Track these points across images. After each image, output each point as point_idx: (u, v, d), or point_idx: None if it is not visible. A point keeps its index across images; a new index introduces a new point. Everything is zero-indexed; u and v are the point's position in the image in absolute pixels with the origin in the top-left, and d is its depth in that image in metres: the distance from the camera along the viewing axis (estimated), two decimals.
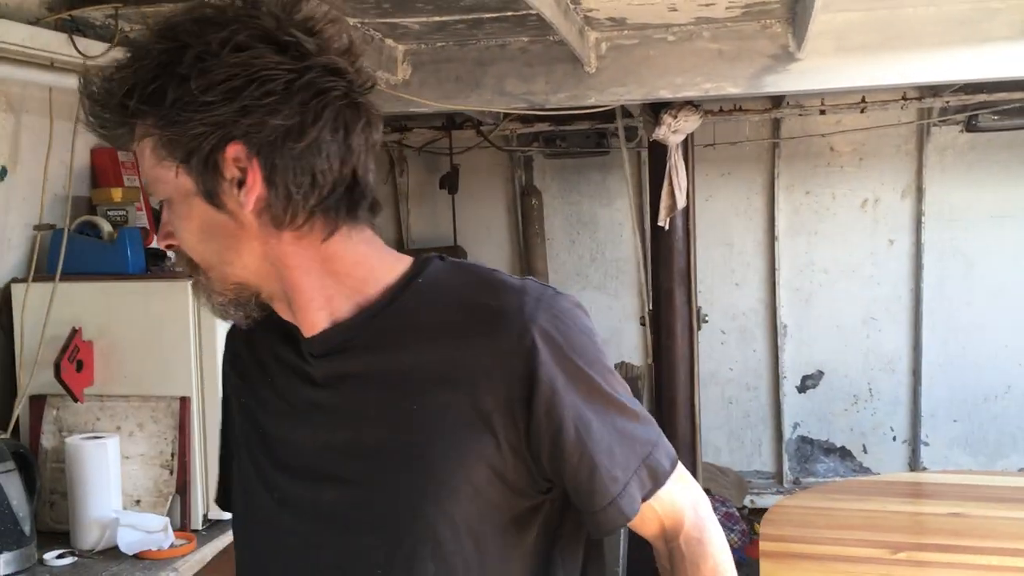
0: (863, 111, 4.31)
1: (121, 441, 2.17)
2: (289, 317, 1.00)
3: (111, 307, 2.25)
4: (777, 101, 4.30)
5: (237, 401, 1.12)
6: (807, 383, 4.87)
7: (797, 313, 4.81)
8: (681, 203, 3.16)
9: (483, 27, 2.65)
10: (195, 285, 1.00)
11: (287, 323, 1.01)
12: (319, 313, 0.98)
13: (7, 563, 1.92)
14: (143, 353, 2.23)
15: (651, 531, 1.01)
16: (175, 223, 0.96)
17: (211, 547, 2.13)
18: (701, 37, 2.76)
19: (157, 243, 1.02)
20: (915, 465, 4.77)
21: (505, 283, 0.97)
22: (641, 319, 4.13)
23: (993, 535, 2.36)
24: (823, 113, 4.40)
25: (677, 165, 3.12)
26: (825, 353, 4.81)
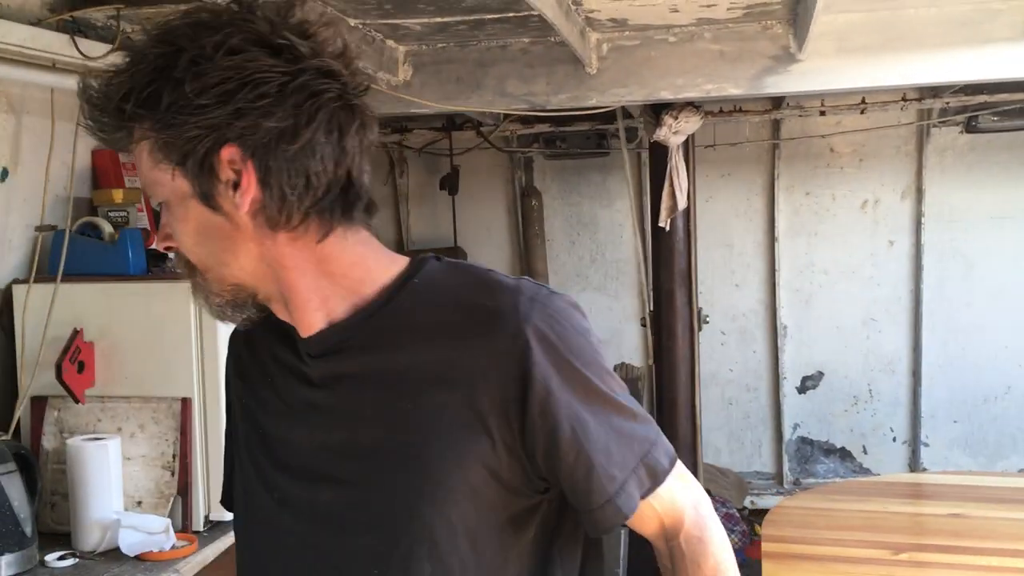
0: (863, 112, 4.31)
1: (122, 442, 2.17)
2: (286, 318, 1.00)
3: (112, 308, 2.25)
4: (777, 102, 4.29)
5: (239, 402, 1.12)
6: (807, 384, 4.87)
7: (797, 314, 4.81)
8: (682, 204, 3.16)
9: (484, 28, 2.65)
10: (193, 287, 1.00)
11: (286, 324, 1.01)
12: (315, 314, 0.98)
13: (8, 565, 1.92)
14: (144, 354, 2.23)
15: (651, 530, 1.01)
16: (173, 225, 0.96)
17: (212, 548, 2.13)
18: (702, 38, 2.76)
19: (156, 245, 1.02)
20: (915, 466, 4.77)
21: (500, 283, 0.97)
22: (642, 320, 4.13)
23: (993, 536, 2.36)
24: (823, 114, 4.40)
25: (678, 166, 3.12)
26: (825, 354, 4.81)
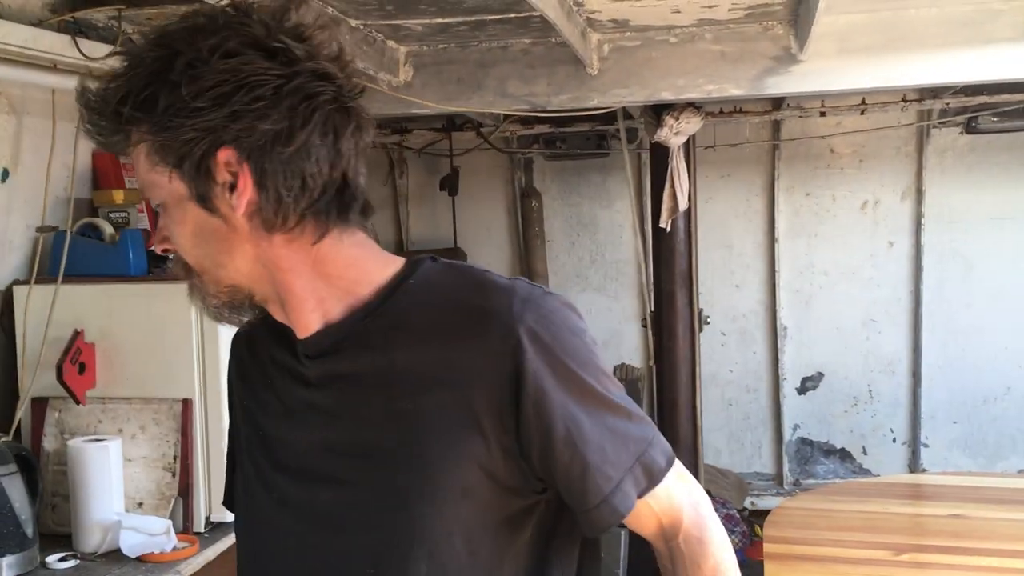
0: (863, 113, 4.31)
1: (123, 443, 2.17)
2: (283, 319, 1.01)
3: (113, 309, 2.25)
4: (777, 103, 4.30)
5: (240, 403, 1.13)
6: (807, 385, 4.87)
7: (797, 315, 4.81)
8: (683, 205, 3.16)
9: (485, 29, 2.65)
10: (190, 289, 1.01)
11: (284, 325, 1.02)
12: (312, 315, 0.98)
13: (9, 566, 1.92)
14: (145, 355, 2.22)
15: (649, 530, 1.01)
16: (170, 227, 0.97)
17: (213, 549, 2.13)
18: (703, 39, 2.76)
19: (154, 247, 1.03)
20: (915, 467, 4.77)
21: (495, 283, 0.97)
22: (643, 321, 4.13)
23: (994, 537, 2.36)
24: (823, 115, 4.40)
25: (679, 167, 3.12)
26: (825, 355, 4.81)
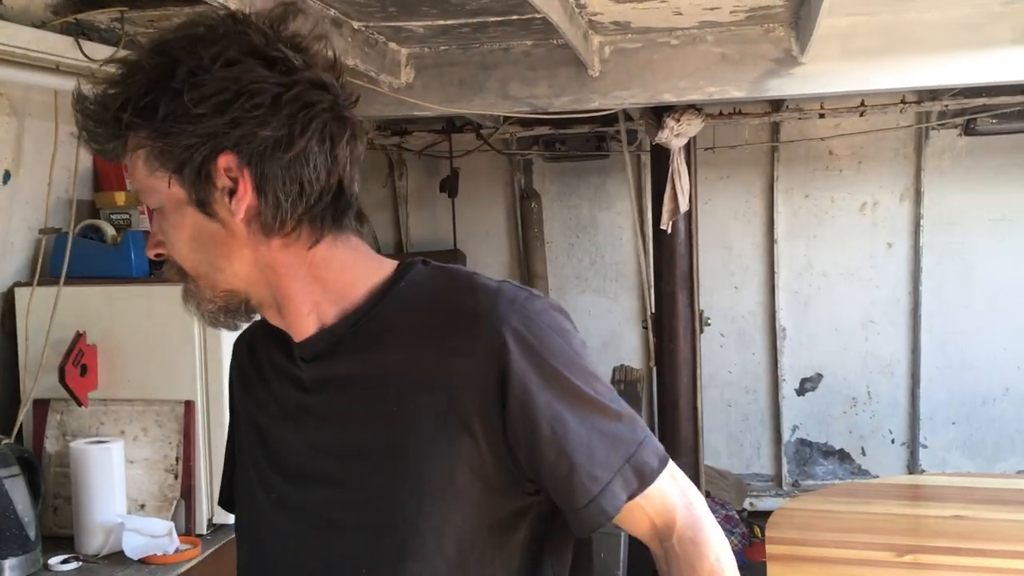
0: (862, 115, 4.32)
1: (125, 445, 2.17)
2: (279, 323, 1.02)
3: (115, 311, 2.25)
4: (776, 105, 4.30)
5: (241, 405, 1.15)
6: (806, 386, 4.88)
7: (796, 316, 4.82)
8: (684, 206, 3.16)
9: (487, 31, 2.65)
10: (185, 293, 1.01)
11: (281, 330, 1.03)
12: (307, 318, 1.00)
13: (12, 568, 1.92)
14: (147, 357, 2.22)
15: (643, 531, 1.01)
16: (167, 232, 0.98)
17: (215, 551, 2.13)
18: (705, 41, 2.76)
19: (147, 252, 1.03)
20: (913, 468, 4.78)
21: (481, 285, 0.98)
22: (644, 323, 4.13)
23: (996, 538, 2.36)
24: (822, 117, 4.41)
25: (680, 169, 3.12)
26: (824, 356, 4.82)
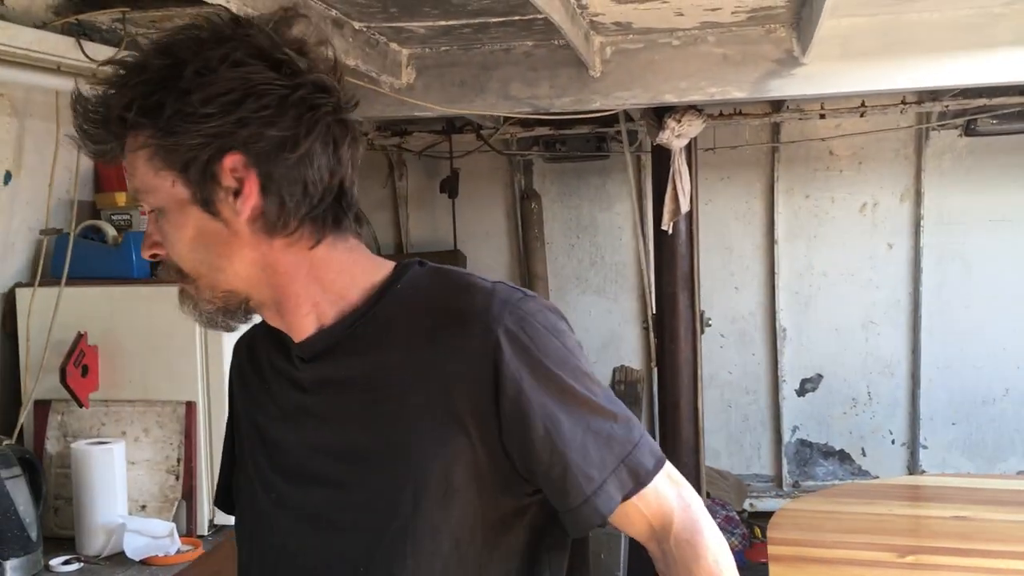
0: (862, 115, 4.32)
1: (127, 446, 2.17)
2: (278, 323, 1.03)
3: (116, 312, 2.25)
4: (777, 105, 4.30)
5: (241, 406, 1.15)
6: (806, 386, 4.88)
7: (796, 317, 4.82)
8: (685, 207, 3.16)
9: (488, 31, 2.64)
10: (181, 294, 1.01)
11: (281, 331, 1.04)
12: (307, 319, 1.01)
13: (14, 569, 1.92)
14: (148, 358, 2.22)
15: (640, 532, 1.01)
16: (167, 232, 0.98)
17: (216, 551, 2.13)
18: (706, 42, 2.76)
19: (142, 253, 1.03)
20: (914, 468, 4.78)
21: (476, 286, 0.99)
22: (644, 323, 4.14)
23: (999, 538, 2.36)
24: (823, 117, 4.41)
25: (681, 169, 3.11)
26: (824, 357, 4.82)
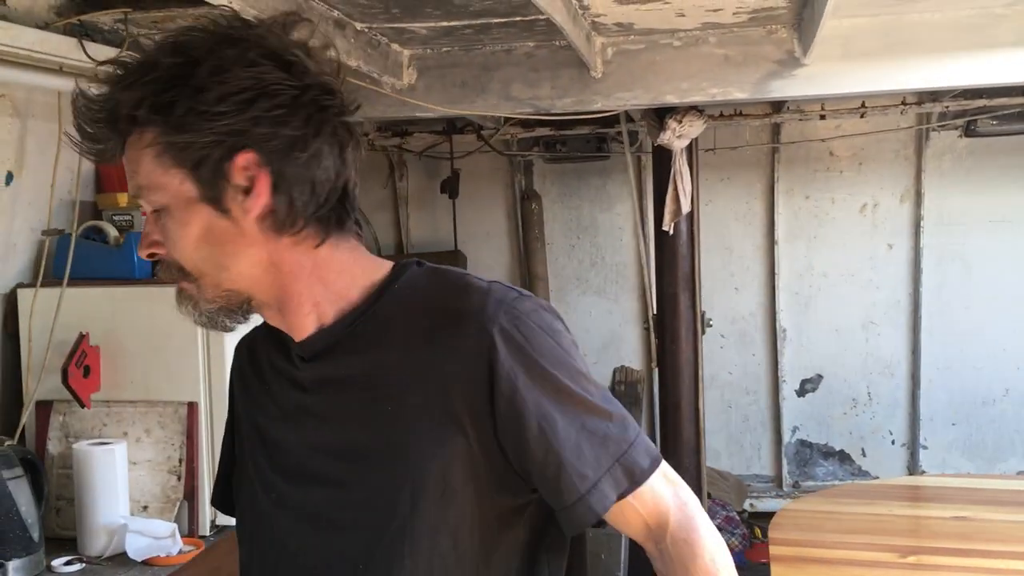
0: (863, 116, 4.32)
1: (128, 447, 2.17)
2: (279, 323, 1.03)
3: (118, 312, 2.25)
4: (777, 106, 4.30)
5: (241, 407, 1.16)
6: (806, 387, 4.88)
7: (796, 317, 4.82)
8: (686, 208, 3.16)
9: (490, 32, 2.64)
10: (179, 294, 1.01)
11: (280, 332, 1.05)
12: (308, 318, 1.01)
13: (16, 570, 1.92)
14: (150, 358, 2.22)
15: (637, 531, 1.01)
16: (171, 230, 0.97)
17: (216, 548, 2.13)
18: (707, 42, 2.75)
19: (139, 253, 1.02)
20: (914, 468, 4.78)
21: (472, 286, 1.00)
22: (645, 324, 4.13)
23: (1000, 538, 2.36)
24: (823, 118, 4.41)
25: (682, 170, 3.12)
26: (824, 357, 4.82)
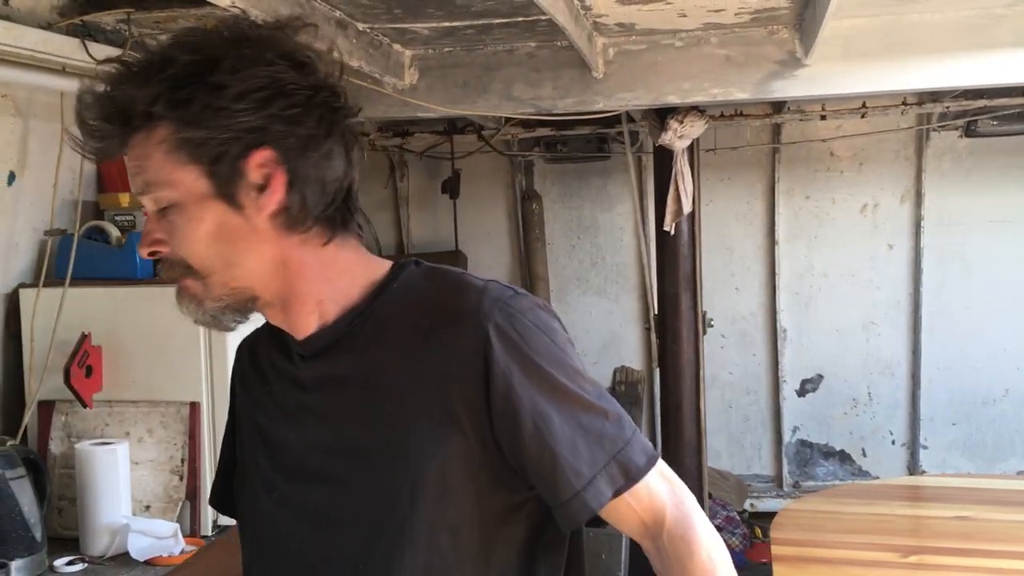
0: (863, 116, 4.32)
1: (130, 447, 2.17)
2: (281, 321, 1.04)
3: (120, 312, 2.25)
4: (778, 106, 4.31)
5: (242, 408, 1.17)
6: (806, 387, 4.88)
7: (797, 317, 4.83)
8: (687, 208, 3.16)
9: (492, 32, 2.64)
10: (180, 292, 1.00)
11: (281, 332, 1.06)
12: (311, 316, 1.03)
13: (19, 570, 1.92)
14: (152, 358, 2.23)
15: (633, 529, 1.02)
16: (180, 227, 0.97)
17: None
18: (709, 43, 2.76)
19: (141, 251, 1.01)
20: (914, 469, 4.78)
21: (468, 284, 1.01)
22: (647, 324, 4.14)
23: (1002, 538, 2.36)
24: (823, 118, 4.41)
25: (683, 170, 3.12)
26: (824, 357, 4.82)
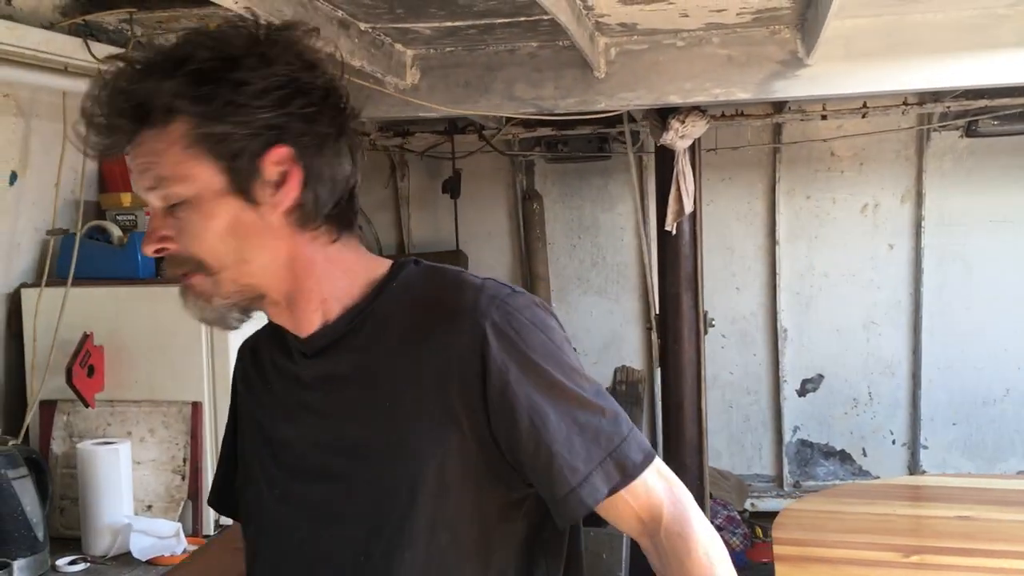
0: (864, 116, 4.32)
1: (132, 446, 2.17)
2: (285, 320, 1.05)
3: (122, 312, 2.25)
4: (779, 106, 4.30)
5: (244, 407, 1.17)
6: (807, 387, 4.88)
7: (797, 317, 4.83)
8: (689, 208, 3.16)
9: (493, 32, 2.64)
10: (185, 290, 1.01)
11: (282, 332, 1.07)
12: (315, 315, 1.04)
13: (21, 569, 1.92)
14: (154, 358, 2.23)
15: (630, 526, 1.02)
16: (193, 223, 0.97)
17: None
18: (710, 43, 2.76)
19: (146, 248, 1.01)
20: (914, 468, 4.78)
21: (466, 282, 1.02)
22: (648, 324, 4.14)
23: (1003, 538, 2.36)
24: (824, 118, 4.41)
25: (684, 170, 3.12)
26: (825, 357, 4.82)
